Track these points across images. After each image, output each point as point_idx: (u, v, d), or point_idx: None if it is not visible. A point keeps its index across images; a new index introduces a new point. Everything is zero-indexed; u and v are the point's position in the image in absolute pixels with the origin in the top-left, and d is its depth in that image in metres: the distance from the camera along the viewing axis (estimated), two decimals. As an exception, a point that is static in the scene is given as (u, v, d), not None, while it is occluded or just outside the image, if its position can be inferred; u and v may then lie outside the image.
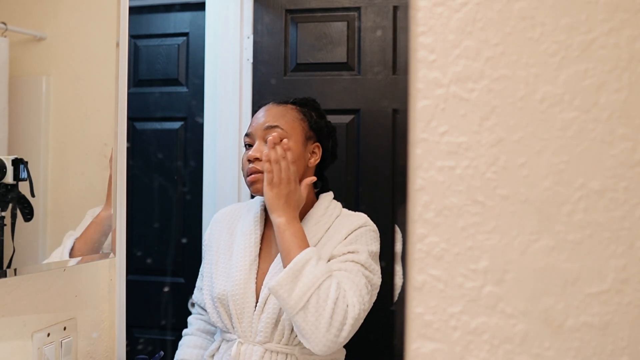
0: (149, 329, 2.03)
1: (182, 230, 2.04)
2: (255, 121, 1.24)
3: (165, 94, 2.06)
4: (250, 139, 1.24)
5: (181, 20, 2.05)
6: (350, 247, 1.15)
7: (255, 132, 1.22)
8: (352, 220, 1.21)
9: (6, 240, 0.83)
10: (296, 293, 1.03)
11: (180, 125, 2.06)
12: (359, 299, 1.07)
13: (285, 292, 1.04)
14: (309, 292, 1.03)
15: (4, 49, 0.84)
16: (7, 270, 0.83)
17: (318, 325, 1.03)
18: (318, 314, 1.03)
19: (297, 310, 1.03)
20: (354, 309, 1.05)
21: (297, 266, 1.05)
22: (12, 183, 0.84)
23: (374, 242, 1.19)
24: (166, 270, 2.05)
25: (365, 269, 1.13)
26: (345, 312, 1.04)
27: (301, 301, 1.03)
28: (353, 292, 1.07)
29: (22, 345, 0.93)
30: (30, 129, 0.91)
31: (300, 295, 1.03)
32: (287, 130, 1.20)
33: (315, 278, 1.04)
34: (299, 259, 1.06)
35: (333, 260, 1.14)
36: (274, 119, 1.22)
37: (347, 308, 1.04)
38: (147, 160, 2.06)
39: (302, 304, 1.03)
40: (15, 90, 0.86)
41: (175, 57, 2.05)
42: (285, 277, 1.04)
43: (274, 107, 1.26)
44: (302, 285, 1.03)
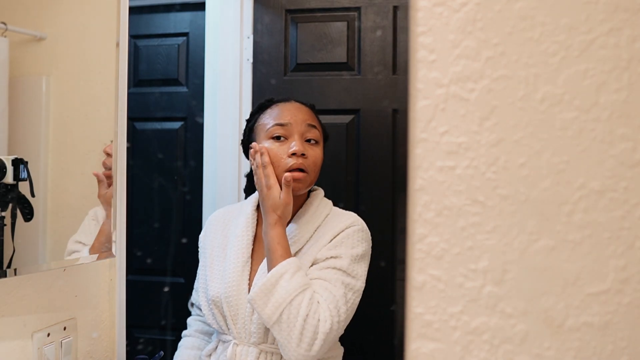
0: (149, 329, 2.03)
1: (182, 230, 2.04)
2: (292, 114, 1.20)
3: (165, 94, 2.06)
4: (286, 132, 1.18)
5: (181, 20, 2.05)
6: (334, 251, 1.14)
7: (295, 126, 1.18)
8: (340, 220, 1.19)
9: (6, 240, 0.83)
10: (269, 307, 1.05)
11: (180, 125, 2.06)
12: (332, 312, 1.07)
13: (259, 307, 1.06)
14: (281, 307, 1.05)
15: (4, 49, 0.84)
16: (7, 270, 0.84)
17: (290, 339, 1.04)
18: (289, 329, 1.04)
19: (271, 323, 1.06)
20: (325, 324, 1.05)
21: (271, 281, 1.06)
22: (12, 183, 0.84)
23: (360, 244, 1.17)
24: (166, 270, 2.05)
25: (347, 275, 1.12)
26: (315, 328, 1.04)
27: (274, 315, 1.05)
28: (327, 305, 1.07)
29: (22, 345, 0.93)
30: (30, 129, 0.91)
31: (273, 310, 1.05)
32: (320, 133, 1.22)
33: (287, 293, 1.05)
34: (273, 273, 1.07)
35: (315, 265, 1.14)
36: (312, 118, 1.22)
37: (318, 323, 1.05)
38: (147, 160, 2.06)
39: (275, 318, 1.05)
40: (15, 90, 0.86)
41: (175, 57, 2.05)
42: (258, 291, 1.06)
43: (304, 106, 1.24)
44: (274, 301, 1.05)
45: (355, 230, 1.18)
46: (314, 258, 1.14)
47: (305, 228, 1.19)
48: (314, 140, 1.19)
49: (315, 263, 1.14)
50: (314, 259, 1.14)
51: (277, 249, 1.10)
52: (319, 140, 1.20)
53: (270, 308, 1.05)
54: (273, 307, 1.05)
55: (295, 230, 1.19)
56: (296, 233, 1.19)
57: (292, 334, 1.04)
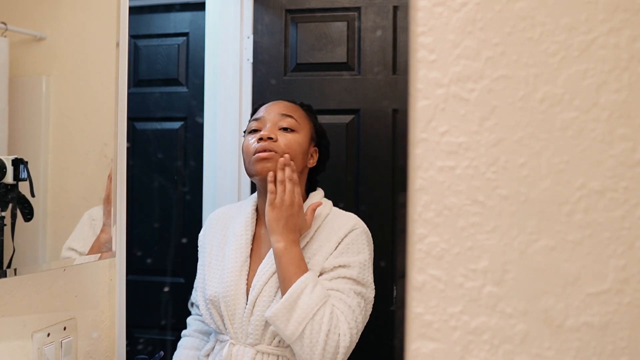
0: (149, 329, 2.03)
1: (182, 230, 2.04)
2: (267, 109, 1.23)
3: (165, 94, 2.06)
4: (259, 124, 1.21)
5: (181, 20, 2.05)
6: (340, 259, 1.13)
7: (268, 117, 1.20)
8: (342, 222, 1.19)
9: (6, 240, 0.83)
10: (291, 324, 1.05)
11: (180, 125, 2.06)
12: (351, 324, 1.07)
13: (281, 324, 1.05)
14: (304, 322, 1.04)
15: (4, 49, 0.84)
16: (7, 270, 0.84)
17: (312, 355, 1.05)
18: (312, 344, 1.04)
19: (293, 339, 1.05)
20: (345, 338, 1.06)
21: (293, 297, 1.05)
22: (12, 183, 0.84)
23: (365, 248, 1.17)
24: (166, 270, 2.05)
25: (358, 284, 1.12)
26: (337, 343, 1.05)
27: (297, 332, 1.04)
28: (346, 317, 1.07)
29: (22, 345, 0.93)
30: (30, 129, 0.91)
31: (296, 326, 1.04)
32: (299, 122, 1.22)
33: (309, 308, 1.05)
34: (294, 290, 1.06)
35: (324, 275, 1.13)
36: (288, 109, 1.23)
37: (339, 339, 1.05)
38: (147, 160, 2.06)
39: (297, 334, 1.05)
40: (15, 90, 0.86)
41: (175, 57, 2.05)
42: (281, 308, 1.05)
43: (285, 102, 1.26)
44: (297, 317, 1.05)
45: (359, 233, 1.17)
46: (322, 267, 1.14)
47: None
48: (289, 129, 1.19)
49: (324, 272, 1.14)
50: (322, 268, 1.14)
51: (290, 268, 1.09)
52: (295, 128, 1.20)
53: (292, 324, 1.04)
54: (296, 322, 1.04)
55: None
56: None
57: (315, 349, 1.04)
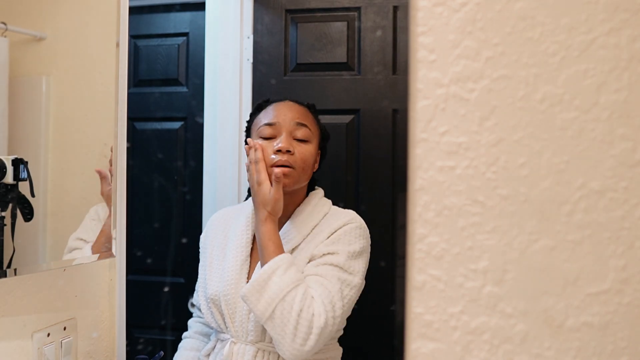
0: (149, 329, 2.03)
1: (182, 230, 2.04)
2: (281, 114, 1.21)
3: (165, 94, 2.06)
4: (274, 131, 1.19)
5: (181, 20, 2.05)
6: (331, 247, 1.14)
7: (284, 125, 1.19)
8: (338, 217, 1.20)
9: (6, 240, 0.83)
10: (262, 304, 1.04)
11: (180, 125, 2.06)
12: (327, 307, 1.06)
13: (252, 303, 1.06)
14: (274, 303, 1.04)
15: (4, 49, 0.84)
16: (7, 270, 0.84)
17: (284, 335, 1.04)
18: (283, 324, 1.04)
19: (264, 319, 1.05)
20: (320, 318, 1.04)
21: (263, 277, 1.06)
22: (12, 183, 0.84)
23: (357, 240, 1.17)
24: (166, 270, 2.05)
25: (343, 271, 1.12)
26: (310, 323, 1.04)
27: (267, 311, 1.04)
28: (322, 300, 1.07)
29: (22, 345, 0.93)
30: (30, 129, 0.91)
31: (266, 306, 1.04)
32: (312, 132, 1.21)
33: (279, 289, 1.04)
34: (265, 269, 1.06)
35: (311, 262, 1.14)
36: (302, 117, 1.22)
37: (313, 318, 1.04)
38: (147, 160, 2.06)
39: (268, 314, 1.04)
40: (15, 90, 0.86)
41: (175, 57, 2.05)
42: (251, 288, 1.06)
43: (296, 105, 1.25)
44: (267, 297, 1.04)
45: (353, 227, 1.18)
46: (311, 254, 1.14)
47: (302, 226, 1.19)
48: (303, 139, 1.19)
49: (312, 259, 1.14)
50: (311, 255, 1.14)
51: (268, 245, 1.10)
52: (309, 139, 1.20)
53: (262, 304, 1.04)
54: (266, 303, 1.04)
55: (292, 229, 1.19)
56: (292, 231, 1.19)
57: (286, 329, 1.03)
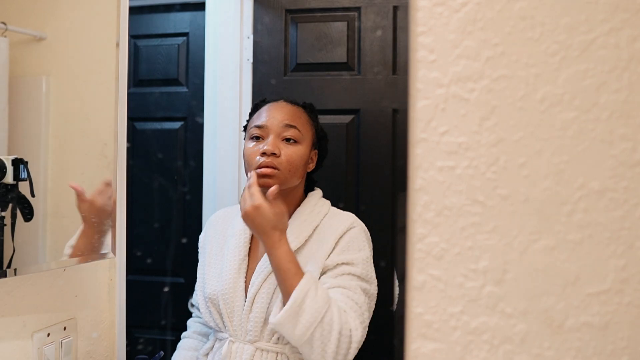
0: (149, 329, 2.03)
1: (182, 230, 2.04)
2: (271, 115, 1.20)
3: (165, 94, 2.06)
4: (263, 132, 1.19)
5: (181, 20, 2.05)
6: (343, 256, 1.14)
7: (272, 127, 1.19)
8: (340, 220, 1.19)
9: (6, 240, 0.83)
10: (299, 329, 1.03)
11: (180, 125, 2.06)
12: (360, 319, 1.07)
13: (288, 329, 1.04)
14: (312, 326, 1.03)
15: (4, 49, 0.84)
16: (7, 270, 0.84)
17: (324, 354, 1.03)
18: (324, 345, 1.03)
19: (302, 343, 1.04)
20: (357, 332, 1.05)
21: (298, 302, 1.03)
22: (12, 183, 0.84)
23: (365, 245, 1.17)
24: (166, 270, 2.05)
25: (362, 280, 1.13)
26: (349, 339, 1.04)
27: (305, 336, 1.03)
28: (354, 312, 1.07)
29: (22, 345, 0.93)
30: (30, 129, 0.91)
31: (304, 331, 1.03)
32: (302, 133, 1.20)
33: (316, 312, 1.03)
34: (298, 294, 1.03)
35: (328, 273, 1.13)
36: (292, 118, 1.21)
37: (351, 334, 1.05)
38: (147, 160, 2.06)
39: (306, 338, 1.03)
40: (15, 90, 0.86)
41: (175, 57, 2.05)
42: (285, 315, 1.03)
43: (288, 106, 1.24)
44: (305, 322, 1.02)
45: (357, 232, 1.18)
46: (324, 265, 1.14)
47: (303, 227, 1.19)
48: (292, 140, 1.19)
49: (327, 270, 1.14)
50: (324, 265, 1.14)
51: (290, 268, 1.06)
52: (298, 139, 1.19)
53: (300, 329, 1.03)
54: (303, 328, 1.03)
55: (293, 230, 1.19)
56: (293, 233, 1.19)
57: (327, 349, 1.03)
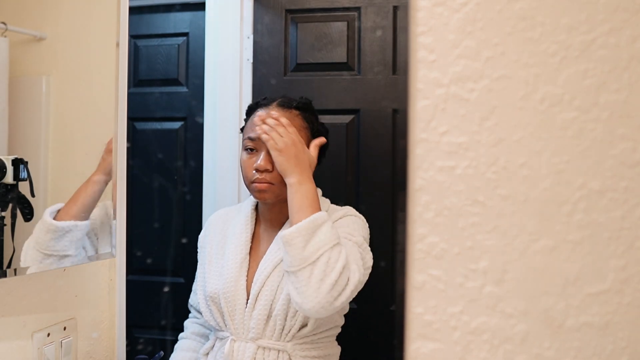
0: (149, 329, 2.03)
1: (182, 230, 2.04)
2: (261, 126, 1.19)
3: (165, 94, 2.06)
4: (255, 145, 1.19)
5: (181, 20, 2.05)
6: (343, 229, 1.15)
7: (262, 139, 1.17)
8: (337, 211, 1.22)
9: (6, 240, 0.83)
10: (311, 245, 1.03)
11: (180, 125, 2.06)
12: (359, 268, 1.08)
13: (300, 242, 1.03)
14: (322, 249, 1.03)
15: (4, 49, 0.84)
16: (7, 270, 0.84)
17: (322, 283, 1.01)
18: (325, 272, 1.02)
19: (305, 264, 1.02)
20: (355, 275, 1.05)
21: (316, 223, 1.04)
22: (12, 183, 0.84)
23: (362, 228, 1.20)
24: (166, 270, 2.05)
25: (360, 247, 1.14)
26: (348, 277, 1.04)
27: (313, 256, 1.02)
28: (354, 260, 1.08)
29: (22, 345, 0.93)
30: (30, 129, 0.91)
31: (313, 251, 1.02)
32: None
33: (329, 239, 1.04)
34: (317, 217, 1.05)
35: None
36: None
37: (350, 274, 1.05)
38: (147, 160, 2.06)
39: (312, 259, 1.02)
40: (15, 90, 0.86)
41: (175, 57, 2.05)
42: (302, 228, 1.04)
43: (281, 112, 1.20)
44: (318, 241, 1.03)
45: (355, 219, 1.21)
46: None
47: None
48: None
49: None
50: None
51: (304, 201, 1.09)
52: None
53: (310, 248, 1.02)
54: (315, 246, 1.03)
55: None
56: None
57: (326, 278, 1.02)
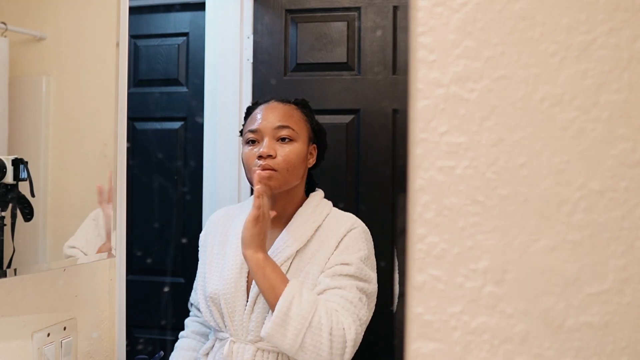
0: (149, 329, 2.03)
1: (182, 230, 2.04)
2: (263, 118, 1.21)
3: (165, 94, 2.06)
4: (257, 136, 1.20)
5: (181, 20, 2.05)
6: (340, 257, 1.14)
7: (265, 130, 1.19)
8: (341, 221, 1.20)
9: (6, 240, 0.83)
10: (289, 337, 1.03)
11: (180, 125, 2.06)
12: (353, 317, 1.07)
13: (278, 339, 1.04)
14: (302, 332, 1.03)
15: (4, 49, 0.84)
16: (7, 270, 0.84)
17: (320, 358, 1.03)
18: (317, 349, 1.03)
19: (294, 351, 1.04)
20: (350, 330, 1.05)
21: (283, 311, 1.04)
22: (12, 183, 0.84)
23: (364, 246, 1.18)
24: (166, 270, 2.05)
25: (359, 280, 1.13)
26: (343, 338, 1.04)
27: (296, 343, 1.03)
28: (347, 311, 1.07)
29: (22, 345, 0.93)
30: (30, 129, 0.91)
31: (294, 338, 1.03)
32: (296, 131, 1.21)
33: (303, 318, 1.03)
34: (282, 304, 1.04)
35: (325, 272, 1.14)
36: (283, 118, 1.21)
37: (344, 332, 1.04)
38: (147, 160, 2.06)
39: (297, 346, 1.03)
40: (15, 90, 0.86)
41: (175, 57, 2.05)
42: (273, 326, 1.04)
43: (280, 105, 1.24)
44: (293, 329, 1.03)
45: (358, 233, 1.18)
46: (323, 266, 1.14)
47: (305, 227, 1.19)
48: (287, 139, 1.19)
49: (325, 270, 1.14)
50: (324, 266, 1.14)
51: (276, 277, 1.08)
52: (294, 138, 1.20)
53: (290, 338, 1.03)
54: (293, 335, 1.03)
55: (295, 230, 1.19)
56: (295, 232, 1.19)
57: (321, 352, 1.03)
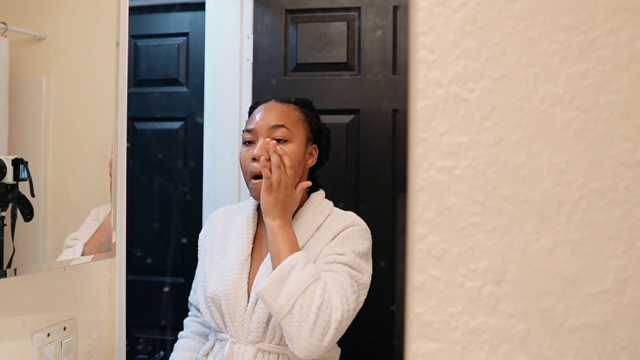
0: (149, 329, 2.03)
1: (182, 230, 2.04)
2: (259, 118, 1.22)
3: (165, 94, 2.06)
4: (252, 136, 1.21)
5: (181, 20, 2.05)
6: (336, 249, 1.14)
7: (260, 130, 1.20)
8: (340, 219, 1.20)
9: (6, 240, 0.83)
10: (281, 298, 1.03)
11: (180, 125, 2.06)
12: (342, 300, 1.06)
13: (270, 297, 1.04)
14: (294, 297, 1.03)
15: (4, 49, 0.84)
16: (7, 270, 0.83)
17: (302, 330, 1.03)
18: (302, 319, 1.03)
19: (282, 315, 1.04)
20: (337, 312, 1.04)
21: (283, 271, 1.05)
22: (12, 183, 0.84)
23: (361, 242, 1.18)
24: (166, 270, 2.05)
25: (351, 268, 1.13)
26: (329, 317, 1.03)
27: (286, 306, 1.03)
28: (337, 293, 1.07)
29: (22, 345, 0.93)
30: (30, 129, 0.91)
31: (286, 300, 1.03)
32: (292, 130, 1.20)
33: (300, 283, 1.04)
34: (285, 264, 1.05)
35: (319, 261, 1.14)
36: (279, 118, 1.21)
37: (331, 312, 1.04)
38: (147, 160, 2.06)
39: (287, 309, 1.03)
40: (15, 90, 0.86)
41: (175, 57, 2.05)
42: (270, 282, 1.04)
43: (277, 105, 1.24)
44: (287, 291, 1.03)
45: (357, 229, 1.18)
46: (317, 257, 1.14)
47: (305, 227, 1.19)
48: (282, 139, 1.19)
49: (319, 259, 1.14)
50: (317, 258, 1.14)
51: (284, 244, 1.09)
52: (289, 138, 1.19)
53: (282, 299, 1.03)
54: (286, 296, 1.03)
55: (295, 230, 1.19)
56: (296, 232, 1.19)
57: (304, 324, 1.02)
